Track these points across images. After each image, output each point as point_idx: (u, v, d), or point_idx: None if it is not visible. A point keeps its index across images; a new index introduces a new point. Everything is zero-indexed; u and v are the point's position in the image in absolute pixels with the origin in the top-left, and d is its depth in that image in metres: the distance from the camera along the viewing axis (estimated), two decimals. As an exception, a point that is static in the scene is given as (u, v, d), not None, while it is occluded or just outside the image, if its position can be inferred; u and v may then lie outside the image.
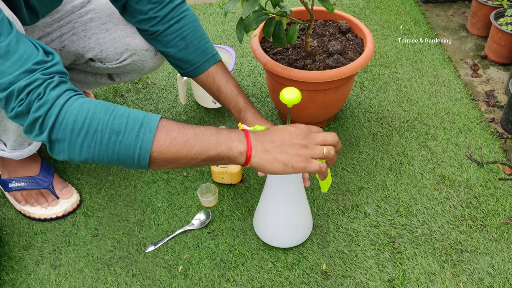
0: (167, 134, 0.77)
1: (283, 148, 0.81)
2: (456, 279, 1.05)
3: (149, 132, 0.76)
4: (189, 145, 0.78)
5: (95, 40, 1.14)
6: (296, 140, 0.82)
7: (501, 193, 1.23)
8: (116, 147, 0.76)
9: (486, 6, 1.75)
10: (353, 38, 1.39)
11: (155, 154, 0.77)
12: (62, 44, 1.14)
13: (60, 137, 0.75)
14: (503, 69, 1.67)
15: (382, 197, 1.23)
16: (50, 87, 0.75)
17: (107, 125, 0.75)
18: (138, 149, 0.76)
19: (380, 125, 1.44)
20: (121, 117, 0.76)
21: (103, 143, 0.76)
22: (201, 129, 0.81)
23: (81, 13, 1.15)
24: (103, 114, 0.76)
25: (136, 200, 1.23)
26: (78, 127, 0.75)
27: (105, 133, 0.75)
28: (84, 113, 0.75)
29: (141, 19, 1.08)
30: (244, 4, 1.06)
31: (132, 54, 1.15)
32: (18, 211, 1.20)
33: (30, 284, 1.06)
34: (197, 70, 1.12)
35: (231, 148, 0.80)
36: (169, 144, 0.77)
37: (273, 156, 0.81)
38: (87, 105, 0.76)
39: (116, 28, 1.14)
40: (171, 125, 0.79)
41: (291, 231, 1.08)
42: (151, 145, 0.76)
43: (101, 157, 0.77)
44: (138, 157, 0.77)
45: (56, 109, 0.74)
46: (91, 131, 0.75)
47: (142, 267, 1.08)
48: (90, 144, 0.75)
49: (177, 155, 0.78)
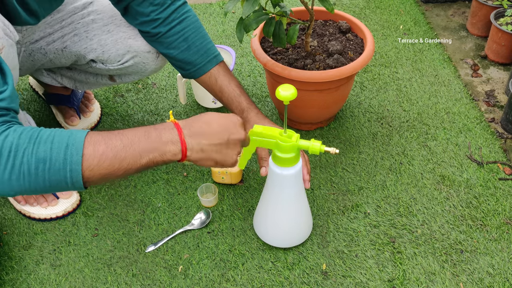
0: (94, 151, 0.74)
1: (219, 149, 0.83)
2: (456, 279, 1.05)
3: (76, 153, 0.73)
4: (119, 158, 0.75)
5: (97, 42, 1.14)
6: (230, 136, 0.84)
7: (501, 193, 1.23)
8: (46, 175, 0.73)
9: (486, 6, 1.75)
10: (353, 38, 1.39)
11: (87, 173, 0.74)
12: (63, 45, 1.14)
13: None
14: (503, 69, 1.67)
15: (382, 197, 1.23)
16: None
17: (32, 155, 0.72)
18: (69, 172, 0.73)
19: (380, 125, 1.44)
20: (45, 143, 0.73)
21: (31, 173, 0.72)
22: (130, 137, 0.77)
23: (83, 14, 1.15)
24: (27, 144, 0.72)
25: (136, 200, 1.23)
26: (3, 161, 0.71)
27: (31, 163, 0.72)
28: (8, 146, 0.71)
29: (143, 21, 1.08)
30: (244, 4, 1.06)
31: (133, 56, 1.15)
32: (18, 211, 1.20)
33: (30, 284, 1.06)
34: (199, 71, 1.12)
35: (164, 153, 0.79)
36: (98, 161, 0.74)
37: (207, 155, 0.83)
38: (10, 136, 0.72)
39: (118, 30, 1.14)
40: (98, 139, 0.75)
41: (291, 231, 1.08)
42: (80, 166, 0.73)
43: (34, 188, 0.74)
44: (71, 180, 0.74)
45: None
46: (17, 164, 0.72)
47: (142, 267, 1.08)
48: (18, 177, 0.72)
49: (109, 170, 0.76)
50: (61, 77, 1.31)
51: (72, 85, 1.32)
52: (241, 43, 1.33)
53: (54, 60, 1.17)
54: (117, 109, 1.51)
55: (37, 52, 1.15)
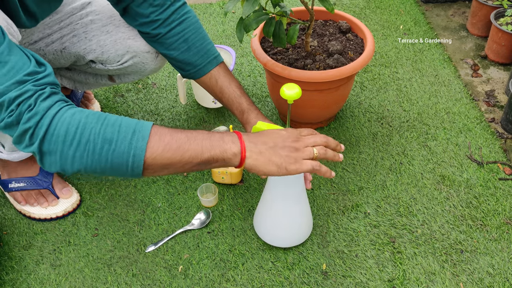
0: (159, 140, 0.77)
1: (276, 150, 0.83)
2: (456, 279, 1.05)
3: (141, 140, 0.75)
4: (182, 150, 0.78)
5: (96, 42, 1.14)
6: (287, 143, 0.84)
7: (501, 193, 1.23)
8: (109, 156, 0.75)
9: (486, 6, 1.75)
10: (353, 38, 1.39)
11: (149, 161, 0.76)
12: (62, 46, 1.14)
13: (52, 149, 0.74)
14: (503, 69, 1.67)
15: (382, 197, 1.23)
16: (41, 98, 0.74)
17: (99, 135, 0.74)
18: (132, 157, 0.75)
19: (380, 125, 1.44)
20: (113, 126, 0.75)
21: (95, 152, 0.74)
22: (194, 133, 0.80)
23: (82, 15, 1.15)
24: (95, 124, 0.75)
25: (136, 200, 1.23)
26: (69, 138, 0.73)
27: (97, 142, 0.74)
28: (76, 124, 0.74)
29: (142, 22, 1.08)
30: (244, 4, 1.06)
31: (133, 56, 1.15)
32: (18, 211, 1.20)
33: (30, 284, 1.06)
34: (199, 72, 1.12)
35: (225, 150, 0.80)
36: (162, 150, 0.77)
37: (267, 158, 0.82)
38: (78, 115, 0.75)
39: (117, 30, 1.14)
40: (164, 131, 0.78)
41: (291, 231, 1.08)
42: (144, 152, 0.75)
43: (94, 167, 0.76)
44: (132, 164, 0.76)
45: (47, 120, 0.73)
46: (83, 141, 0.74)
47: (142, 267, 1.08)
48: (82, 155, 0.74)
49: (171, 160, 0.78)
50: (61, 78, 1.31)
51: (72, 86, 1.32)
52: (241, 43, 1.33)
53: (53, 61, 1.17)
54: (117, 109, 1.51)
55: (36, 53, 1.15)
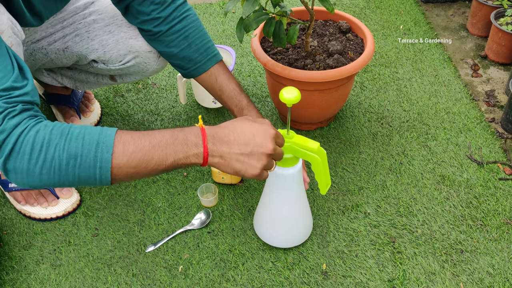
0: (124, 150, 0.76)
1: (239, 158, 0.82)
2: (456, 279, 1.05)
3: (106, 151, 0.75)
4: (147, 158, 0.78)
5: (98, 42, 1.14)
6: (254, 148, 0.82)
7: (501, 193, 1.23)
8: (76, 170, 0.75)
9: (486, 6, 1.75)
10: (353, 38, 1.39)
11: (115, 171, 0.76)
12: (65, 45, 1.14)
13: (17, 167, 0.74)
14: (503, 69, 1.67)
15: (382, 197, 1.23)
16: (10, 116, 0.73)
17: (63, 150, 0.74)
18: (98, 169, 0.75)
19: (380, 125, 1.44)
20: (77, 140, 0.75)
21: (62, 168, 0.74)
22: (157, 138, 0.79)
23: (85, 15, 1.15)
24: (59, 139, 0.74)
25: (136, 200, 1.23)
26: (35, 156, 0.73)
27: (63, 158, 0.74)
28: (40, 141, 0.73)
29: (143, 20, 1.09)
30: (244, 4, 1.06)
31: (135, 56, 1.15)
32: (18, 211, 1.20)
33: (30, 283, 1.06)
34: (199, 69, 1.12)
35: (188, 157, 0.80)
36: (127, 160, 0.76)
37: (227, 163, 0.82)
38: (42, 132, 0.74)
39: (119, 30, 1.14)
40: (127, 139, 0.77)
41: (291, 231, 1.08)
42: (110, 164, 0.75)
43: (63, 182, 0.76)
44: (100, 176, 0.76)
45: (13, 139, 0.72)
46: (49, 158, 0.73)
47: (142, 267, 1.08)
48: (49, 172, 0.74)
49: (137, 169, 0.78)
50: (61, 77, 1.31)
51: (72, 85, 1.32)
52: (241, 43, 1.33)
53: (55, 60, 1.17)
54: (117, 109, 1.51)
55: (38, 51, 1.15)
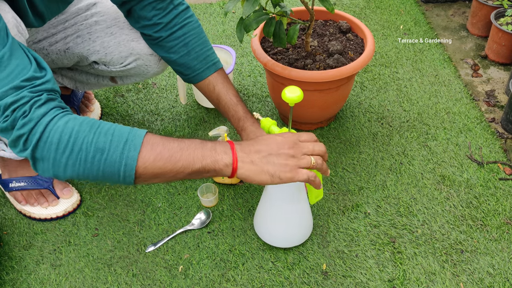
0: (151, 150, 0.77)
1: (269, 159, 0.81)
2: (456, 279, 1.05)
3: (133, 149, 0.76)
4: (174, 159, 0.78)
5: (99, 44, 1.14)
6: (283, 150, 0.82)
7: (502, 193, 1.23)
8: (101, 165, 0.75)
9: (486, 6, 1.75)
10: (353, 38, 1.39)
11: (141, 170, 0.77)
12: (66, 46, 1.14)
13: (44, 156, 0.75)
14: (504, 69, 1.67)
15: (382, 197, 1.23)
16: (36, 105, 0.74)
17: (91, 143, 0.75)
18: (123, 166, 0.76)
19: (381, 125, 1.44)
20: (106, 135, 0.76)
21: (87, 161, 0.75)
22: (186, 142, 0.80)
23: (87, 16, 1.15)
24: (88, 132, 0.75)
25: (136, 200, 1.23)
26: (62, 146, 0.74)
27: (90, 151, 0.74)
28: (69, 132, 0.74)
29: (145, 25, 1.09)
30: (245, 4, 1.06)
31: (136, 58, 1.16)
32: (18, 211, 1.20)
33: (30, 284, 1.06)
34: (197, 77, 1.12)
35: (217, 161, 0.80)
36: (154, 159, 0.77)
37: (260, 167, 0.81)
38: (71, 123, 0.75)
39: (121, 32, 1.14)
40: (156, 140, 0.78)
41: (291, 231, 1.08)
42: (136, 162, 0.76)
43: (87, 175, 0.77)
44: (124, 174, 0.76)
45: (40, 128, 0.74)
46: (76, 150, 0.74)
47: (142, 267, 1.08)
48: (74, 163, 0.75)
49: (163, 170, 0.78)
50: (62, 77, 1.31)
51: (73, 85, 1.32)
52: (241, 43, 1.33)
53: (56, 60, 1.18)
54: (117, 109, 1.51)
55: (40, 52, 1.15)
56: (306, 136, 0.88)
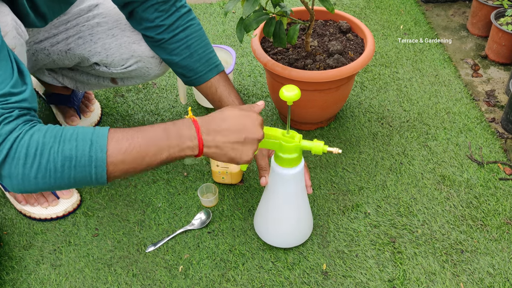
0: (118, 148, 0.77)
1: (234, 146, 0.84)
2: (456, 279, 1.05)
3: (100, 150, 0.75)
4: (141, 154, 0.78)
5: (101, 45, 1.14)
6: (246, 134, 0.84)
7: (502, 193, 1.23)
8: (72, 172, 0.75)
9: (486, 6, 1.75)
10: (353, 38, 1.39)
11: (111, 168, 0.77)
12: (67, 47, 1.14)
13: (12, 172, 0.74)
14: (504, 69, 1.67)
15: (383, 197, 1.22)
16: (6, 121, 0.73)
17: (57, 153, 0.74)
18: (94, 168, 0.76)
19: (381, 125, 1.44)
20: (70, 141, 0.75)
21: (57, 171, 0.75)
22: (150, 133, 0.80)
23: (88, 17, 1.15)
24: (53, 142, 0.74)
25: (136, 200, 1.23)
26: (30, 161, 0.73)
27: (58, 161, 0.74)
28: (34, 145, 0.73)
29: (147, 27, 1.08)
30: (245, 4, 1.06)
31: (137, 60, 1.16)
32: (18, 211, 1.20)
33: (30, 284, 1.06)
34: (200, 79, 1.12)
35: (183, 150, 0.81)
36: (122, 157, 0.77)
37: (223, 152, 0.84)
38: (36, 135, 0.74)
39: (122, 34, 1.14)
40: (120, 137, 0.78)
41: (291, 232, 1.08)
42: (105, 162, 0.76)
43: (58, 184, 0.76)
44: (96, 176, 0.76)
45: (8, 144, 0.72)
46: (44, 162, 0.74)
47: (143, 267, 1.08)
48: (44, 175, 0.74)
49: (132, 165, 0.78)
50: (62, 77, 1.31)
51: (73, 86, 1.32)
52: (241, 43, 1.33)
53: (57, 61, 1.18)
54: (117, 109, 1.51)
55: (41, 52, 1.15)
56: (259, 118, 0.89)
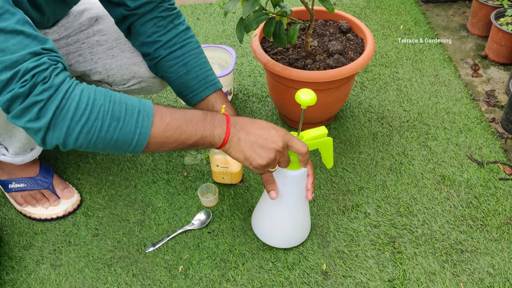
0: (161, 120, 0.80)
1: (254, 146, 0.86)
2: (456, 279, 1.05)
3: (147, 119, 0.79)
4: (180, 130, 0.82)
5: (101, 65, 1.14)
6: (268, 144, 0.86)
7: (502, 193, 1.23)
8: (116, 133, 0.77)
9: (486, 6, 1.75)
10: (353, 38, 1.39)
11: (151, 139, 0.80)
12: (69, 63, 1.14)
13: (58, 124, 0.74)
14: (504, 69, 1.67)
15: (383, 197, 1.22)
16: (55, 72, 0.74)
17: (107, 112, 0.76)
18: (138, 135, 0.78)
19: (381, 125, 1.44)
20: (120, 104, 0.78)
21: (103, 129, 0.76)
22: (189, 114, 0.84)
23: (88, 34, 1.14)
24: (103, 101, 0.76)
25: (136, 200, 1.23)
26: (79, 114, 0.74)
27: (106, 119, 0.76)
28: (85, 100, 0.75)
29: (144, 42, 1.07)
30: (245, 4, 1.06)
31: (139, 81, 1.16)
32: (18, 211, 1.20)
33: (30, 284, 1.06)
34: (196, 97, 1.10)
35: (213, 135, 0.85)
36: (163, 129, 0.80)
37: (241, 147, 0.86)
38: (86, 91, 0.76)
39: (122, 55, 1.13)
40: (164, 111, 0.82)
41: (289, 232, 1.07)
42: (149, 131, 0.79)
43: (98, 143, 0.78)
44: (136, 142, 0.79)
45: (59, 95, 0.73)
46: (92, 118, 0.75)
47: (143, 267, 1.08)
48: (89, 131, 0.76)
49: (170, 139, 0.82)
50: None
51: None
52: (241, 43, 1.33)
53: None
54: (117, 109, 1.51)
55: None
56: (300, 146, 0.90)
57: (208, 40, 1.82)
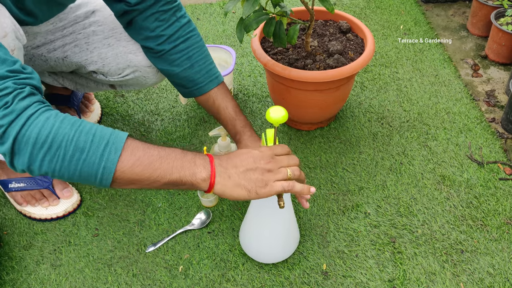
0: (131, 154, 0.75)
1: (247, 174, 0.81)
2: (456, 279, 1.05)
3: (114, 152, 0.74)
4: (152, 167, 0.77)
5: (97, 55, 1.14)
6: (260, 165, 0.82)
7: (502, 193, 1.23)
8: (79, 164, 0.74)
9: (486, 6, 1.75)
10: (353, 38, 1.39)
11: (118, 174, 0.75)
12: (64, 54, 1.14)
13: (22, 150, 0.72)
14: (504, 69, 1.67)
15: (383, 197, 1.23)
16: (19, 97, 0.72)
17: (71, 141, 0.73)
18: (102, 168, 0.74)
19: (381, 125, 1.44)
20: (87, 134, 0.74)
21: (65, 159, 0.73)
22: (167, 151, 0.79)
23: (84, 25, 1.14)
24: (69, 130, 0.73)
25: (136, 200, 1.23)
26: (40, 141, 0.72)
27: (69, 149, 0.73)
28: (49, 127, 0.72)
29: (147, 36, 1.07)
30: (245, 4, 1.06)
31: (134, 70, 1.15)
32: (18, 211, 1.20)
33: (30, 284, 1.06)
34: (200, 90, 1.11)
35: (194, 174, 0.79)
36: (132, 164, 0.75)
37: (236, 182, 0.81)
38: (52, 119, 0.73)
39: (118, 44, 1.13)
40: (137, 145, 0.77)
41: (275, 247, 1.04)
42: (115, 166, 0.74)
43: (62, 173, 0.75)
44: (101, 176, 0.75)
45: (21, 121, 0.71)
46: (54, 147, 0.72)
47: (143, 267, 1.08)
48: (52, 159, 0.73)
49: (140, 176, 0.77)
50: (63, 79, 1.31)
51: (73, 87, 1.32)
52: (241, 43, 1.33)
53: (54, 67, 1.18)
54: (117, 109, 1.51)
55: (38, 58, 1.15)
56: (280, 149, 0.88)
57: (208, 40, 1.82)
